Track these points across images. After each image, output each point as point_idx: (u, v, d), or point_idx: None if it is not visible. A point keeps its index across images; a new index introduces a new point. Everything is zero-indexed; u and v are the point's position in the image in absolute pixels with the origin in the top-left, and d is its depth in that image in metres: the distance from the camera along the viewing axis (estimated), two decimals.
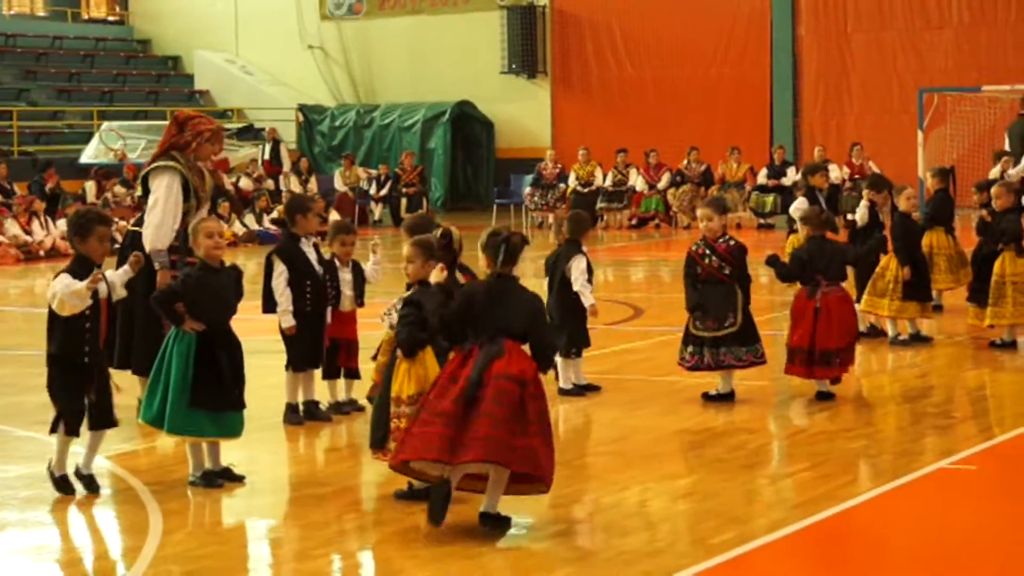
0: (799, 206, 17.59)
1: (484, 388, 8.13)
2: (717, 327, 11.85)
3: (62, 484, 9.17)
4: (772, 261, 12.16)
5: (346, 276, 11.66)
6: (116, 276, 9.50)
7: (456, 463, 8.05)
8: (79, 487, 9.20)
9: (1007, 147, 20.25)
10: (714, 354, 11.87)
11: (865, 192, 15.59)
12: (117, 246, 12.14)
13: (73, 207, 23.82)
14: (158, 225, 11.07)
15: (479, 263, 8.49)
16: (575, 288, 12.00)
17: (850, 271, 13.85)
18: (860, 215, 15.03)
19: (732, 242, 12.01)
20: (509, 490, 8.16)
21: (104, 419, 9.21)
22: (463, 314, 8.33)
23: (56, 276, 9.09)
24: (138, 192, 11.58)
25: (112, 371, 9.90)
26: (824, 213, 13.19)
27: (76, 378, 9.13)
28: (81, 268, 9.09)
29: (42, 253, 27.61)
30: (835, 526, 8.42)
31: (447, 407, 8.10)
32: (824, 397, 11.91)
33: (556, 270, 12.13)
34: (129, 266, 9.47)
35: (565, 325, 12.03)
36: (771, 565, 7.82)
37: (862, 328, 14.37)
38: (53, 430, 9.15)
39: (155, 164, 11.34)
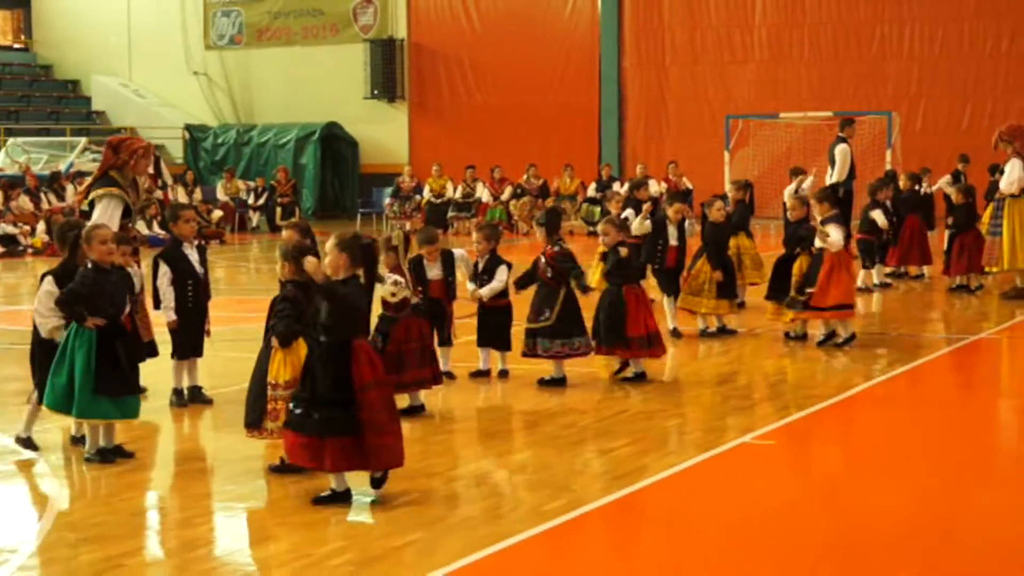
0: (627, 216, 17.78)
1: None
2: (534, 320, 11.95)
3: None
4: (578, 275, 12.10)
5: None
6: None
7: None
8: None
9: (837, 166, 20.54)
10: (530, 344, 11.95)
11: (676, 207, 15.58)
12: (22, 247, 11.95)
13: None
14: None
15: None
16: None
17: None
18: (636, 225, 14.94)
19: (557, 248, 12.05)
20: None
21: None
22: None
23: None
24: (84, 207, 11.37)
25: None
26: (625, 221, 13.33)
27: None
28: (68, 274, 9.12)
29: None
30: (653, 493, 8.46)
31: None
32: (638, 377, 12.05)
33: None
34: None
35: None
36: (597, 529, 7.86)
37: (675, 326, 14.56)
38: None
39: (98, 188, 11.16)
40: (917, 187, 20.98)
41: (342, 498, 8.10)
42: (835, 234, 13.78)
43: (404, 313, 10.78)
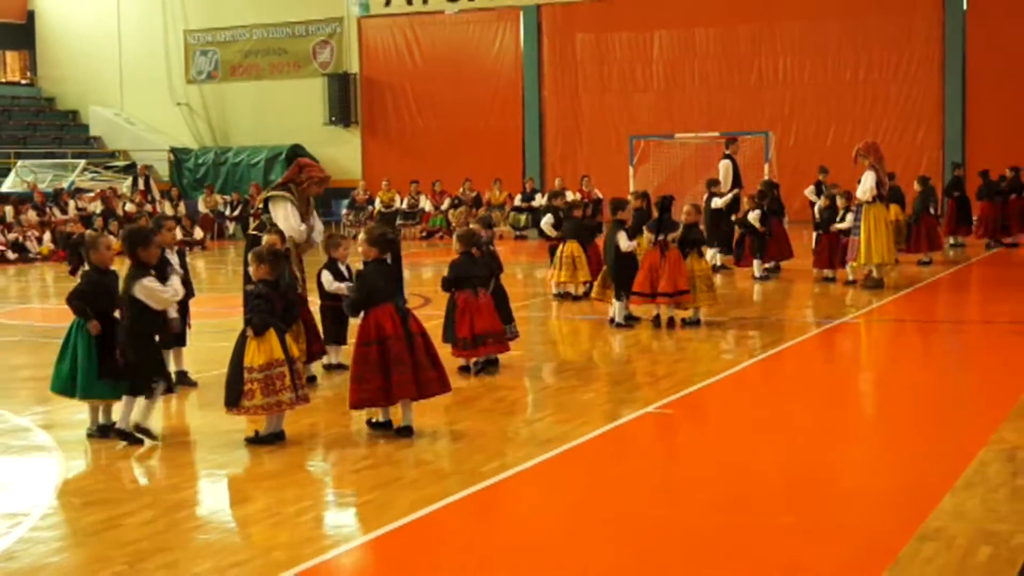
0: (546, 221, 17.87)
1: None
2: None
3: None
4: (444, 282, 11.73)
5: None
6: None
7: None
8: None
9: (720, 177, 20.69)
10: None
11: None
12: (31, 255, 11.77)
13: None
14: (294, 227, 11.33)
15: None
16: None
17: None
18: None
19: (485, 249, 12.00)
20: None
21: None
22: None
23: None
24: (259, 205, 11.71)
25: None
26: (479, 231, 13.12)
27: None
28: (143, 271, 9.01)
29: None
30: (573, 455, 8.49)
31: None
32: (491, 363, 11.79)
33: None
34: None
35: None
36: (525, 487, 7.86)
37: (618, 319, 14.55)
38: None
39: (274, 192, 11.47)
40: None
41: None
42: (624, 241, 14.04)
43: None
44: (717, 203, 20.21)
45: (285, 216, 11.26)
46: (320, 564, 6.26)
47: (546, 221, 17.78)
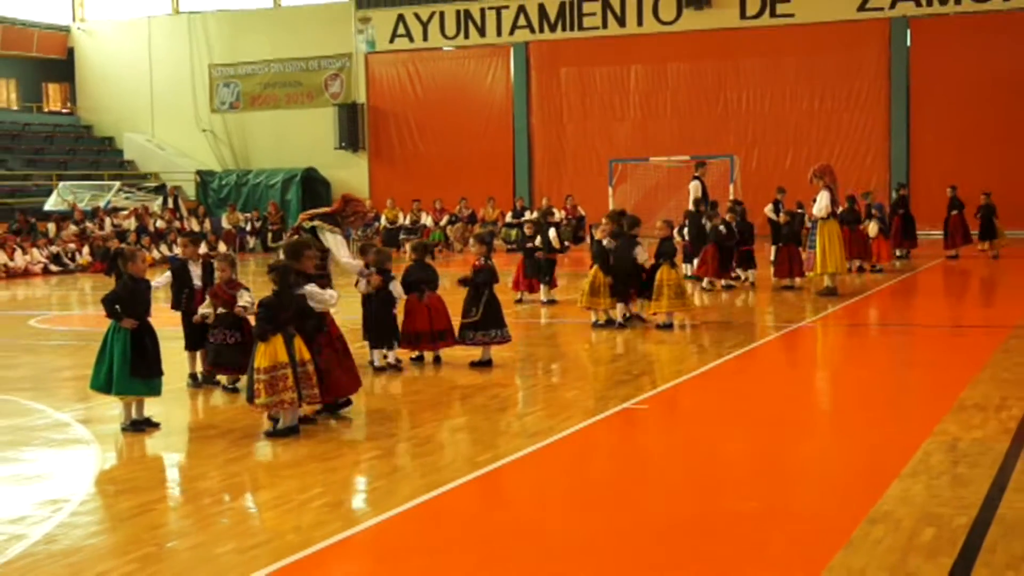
0: (553, 235, 17.73)
1: None
2: (464, 316, 11.93)
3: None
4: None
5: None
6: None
7: None
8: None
9: (690, 197, 20.70)
10: (466, 336, 11.95)
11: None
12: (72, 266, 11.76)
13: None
14: (348, 258, 11.41)
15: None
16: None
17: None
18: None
19: (480, 262, 12.04)
20: None
21: None
22: None
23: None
24: (305, 225, 11.48)
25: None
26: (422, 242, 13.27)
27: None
28: (305, 279, 9.13)
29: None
30: (559, 446, 8.47)
31: None
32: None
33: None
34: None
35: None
36: (517, 476, 7.84)
37: (601, 319, 14.56)
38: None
39: (324, 224, 11.34)
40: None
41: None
42: (641, 255, 14.35)
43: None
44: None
45: (337, 246, 11.22)
46: (330, 545, 6.23)
47: (553, 235, 17.54)
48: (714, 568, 5.78)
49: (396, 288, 11.83)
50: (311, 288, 9.14)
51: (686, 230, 20.69)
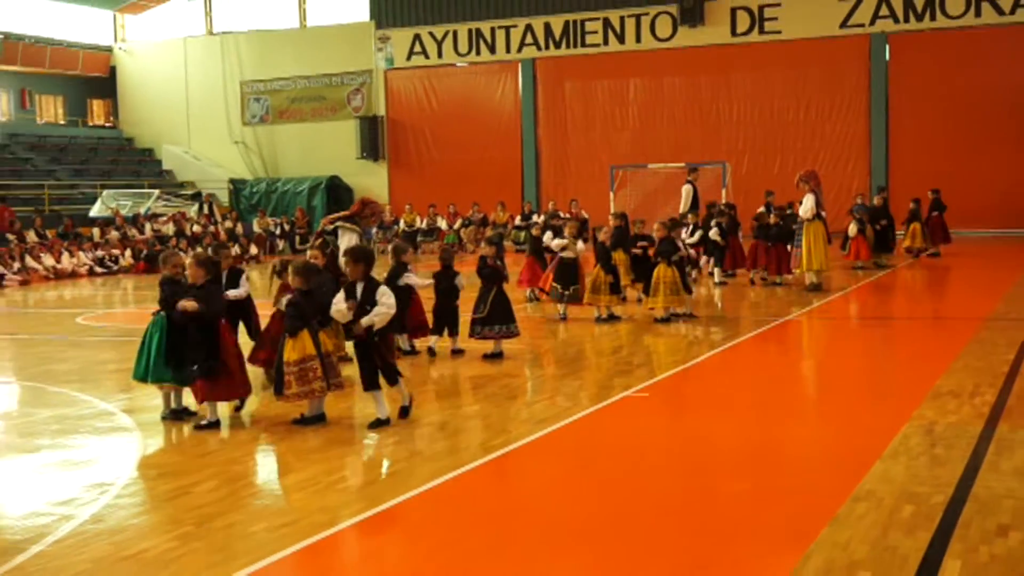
0: (552, 237, 17.65)
1: None
2: (474, 312, 11.94)
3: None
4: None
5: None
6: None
7: None
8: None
9: (682, 199, 20.62)
10: (475, 330, 11.96)
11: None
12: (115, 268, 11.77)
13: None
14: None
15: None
16: (411, 283, 11.92)
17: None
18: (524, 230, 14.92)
19: (489, 261, 12.07)
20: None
21: None
22: None
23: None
24: (328, 228, 11.79)
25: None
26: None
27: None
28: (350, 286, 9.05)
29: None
30: (566, 432, 8.48)
31: None
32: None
33: (394, 278, 11.96)
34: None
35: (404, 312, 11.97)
36: (526, 459, 7.84)
37: (603, 314, 14.55)
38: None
39: (344, 224, 11.70)
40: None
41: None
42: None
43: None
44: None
45: (350, 243, 11.33)
46: (355, 524, 6.24)
47: (557, 242, 17.41)
48: (711, 542, 5.78)
49: (459, 280, 12.04)
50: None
51: (710, 231, 19.35)
